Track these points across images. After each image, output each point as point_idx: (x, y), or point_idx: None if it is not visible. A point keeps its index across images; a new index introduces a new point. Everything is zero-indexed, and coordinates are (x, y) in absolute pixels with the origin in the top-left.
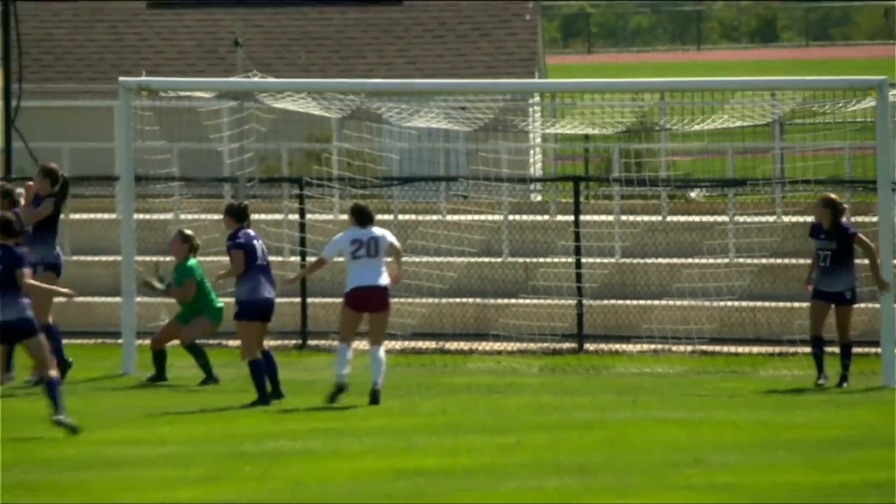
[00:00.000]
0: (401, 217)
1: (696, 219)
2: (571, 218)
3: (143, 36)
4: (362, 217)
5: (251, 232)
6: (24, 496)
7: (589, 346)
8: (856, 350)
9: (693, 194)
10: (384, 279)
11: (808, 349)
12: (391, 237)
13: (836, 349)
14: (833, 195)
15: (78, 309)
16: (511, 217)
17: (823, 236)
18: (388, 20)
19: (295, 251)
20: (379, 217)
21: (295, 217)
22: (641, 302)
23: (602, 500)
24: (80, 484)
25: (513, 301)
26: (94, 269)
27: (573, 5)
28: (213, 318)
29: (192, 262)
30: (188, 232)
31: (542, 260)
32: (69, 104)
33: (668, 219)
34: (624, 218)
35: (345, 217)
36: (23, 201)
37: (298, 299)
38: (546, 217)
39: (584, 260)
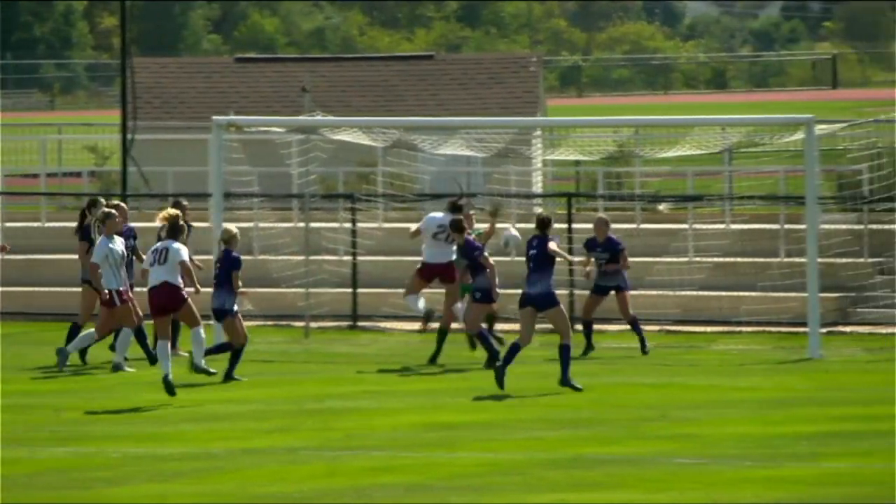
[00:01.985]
0: None
1: (664, 226)
2: (565, 226)
3: (232, 84)
4: None
5: None
6: (131, 444)
7: (578, 327)
8: (789, 329)
9: (661, 207)
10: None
11: (751, 329)
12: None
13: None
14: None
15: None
16: (518, 225)
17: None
18: (422, 71)
19: (348, 252)
20: (404, 226)
21: (348, 225)
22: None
23: (589, 449)
24: (180, 434)
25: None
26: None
27: (569, 59)
28: None
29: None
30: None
31: None
32: (173, 137)
33: (641, 226)
34: None
35: (388, 225)
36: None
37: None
38: None
39: (575, 259)
